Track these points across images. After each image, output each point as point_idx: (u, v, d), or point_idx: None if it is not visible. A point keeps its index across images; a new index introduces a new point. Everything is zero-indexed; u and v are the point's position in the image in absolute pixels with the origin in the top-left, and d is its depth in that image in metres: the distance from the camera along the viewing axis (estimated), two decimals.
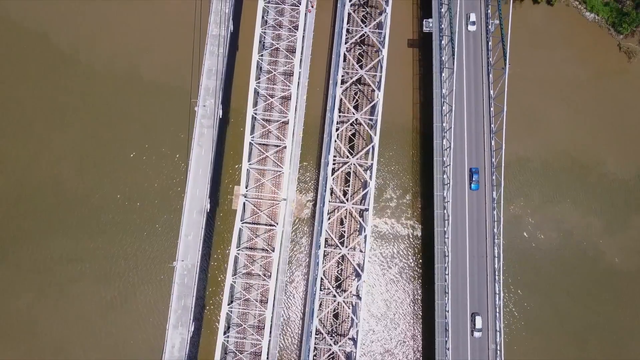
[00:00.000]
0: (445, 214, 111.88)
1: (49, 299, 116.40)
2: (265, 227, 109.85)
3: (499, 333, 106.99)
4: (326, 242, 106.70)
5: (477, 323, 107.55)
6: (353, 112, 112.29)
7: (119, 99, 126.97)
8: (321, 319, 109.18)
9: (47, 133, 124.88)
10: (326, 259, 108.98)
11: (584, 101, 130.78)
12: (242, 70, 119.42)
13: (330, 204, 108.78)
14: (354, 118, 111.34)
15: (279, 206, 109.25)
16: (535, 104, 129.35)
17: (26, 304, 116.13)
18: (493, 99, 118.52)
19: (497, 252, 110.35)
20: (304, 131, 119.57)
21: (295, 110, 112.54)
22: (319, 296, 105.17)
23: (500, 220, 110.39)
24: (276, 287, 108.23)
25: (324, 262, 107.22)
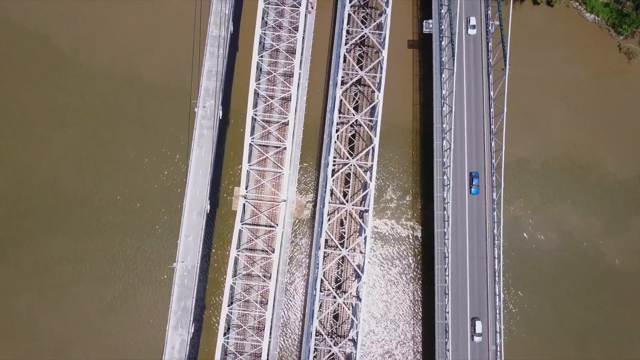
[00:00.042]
0: (445, 215, 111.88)
1: (49, 299, 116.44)
2: (265, 228, 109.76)
3: (499, 334, 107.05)
4: (326, 243, 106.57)
5: (477, 328, 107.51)
6: (353, 113, 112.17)
7: (119, 99, 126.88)
8: (321, 320, 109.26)
9: (47, 133, 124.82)
10: (326, 260, 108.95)
11: (584, 102, 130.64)
12: (242, 71, 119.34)
13: (330, 205, 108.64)
14: (354, 119, 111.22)
15: (279, 207, 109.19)
16: (535, 105, 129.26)
17: (26, 304, 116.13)
18: (493, 100, 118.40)
19: (497, 253, 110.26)
20: (304, 132, 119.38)
21: (295, 112, 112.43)
22: (319, 297, 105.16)
23: (500, 221, 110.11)
24: (276, 288, 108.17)
25: (324, 264, 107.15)
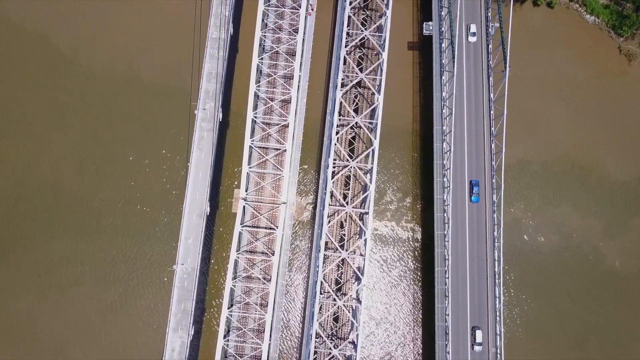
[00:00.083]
0: (446, 217, 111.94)
1: (49, 300, 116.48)
2: (265, 230, 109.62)
3: (499, 336, 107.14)
4: (326, 245, 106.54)
5: (478, 337, 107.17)
6: (353, 115, 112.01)
7: (119, 99, 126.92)
8: (321, 322, 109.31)
9: (47, 133, 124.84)
10: (326, 263, 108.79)
11: (584, 103, 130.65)
12: (242, 73, 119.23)
13: (330, 207, 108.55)
14: (354, 121, 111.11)
15: (279, 209, 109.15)
16: (535, 107, 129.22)
17: (26, 305, 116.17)
18: (493, 102, 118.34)
19: (498, 255, 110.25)
20: (303, 134, 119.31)
21: (295, 114, 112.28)
22: (319, 300, 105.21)
23: (500, 223, 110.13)
24: (276, 290, 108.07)
25: (324, 266, 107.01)
